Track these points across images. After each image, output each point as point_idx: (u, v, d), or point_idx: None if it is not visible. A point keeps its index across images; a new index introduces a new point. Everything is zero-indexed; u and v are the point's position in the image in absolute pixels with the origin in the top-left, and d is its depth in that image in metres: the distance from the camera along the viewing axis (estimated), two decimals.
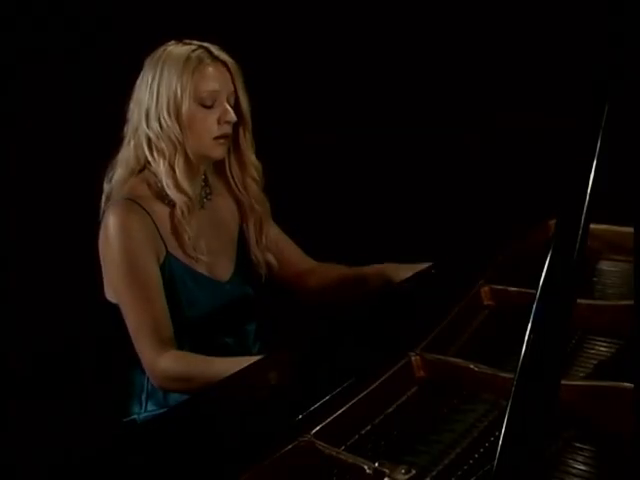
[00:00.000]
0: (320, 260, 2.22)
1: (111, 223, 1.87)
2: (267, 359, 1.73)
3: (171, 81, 1.90)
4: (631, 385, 1.32)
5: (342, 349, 1.65)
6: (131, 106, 1.96)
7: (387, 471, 1.24)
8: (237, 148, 2.04)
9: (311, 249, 2.24)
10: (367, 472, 1.26)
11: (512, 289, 1.77)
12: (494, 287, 1.80)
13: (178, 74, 1.90)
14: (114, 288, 1.91)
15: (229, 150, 2.03)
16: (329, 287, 2.16)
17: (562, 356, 1.37)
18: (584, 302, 1.64)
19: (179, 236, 1.94)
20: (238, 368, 1.65)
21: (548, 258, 1.15)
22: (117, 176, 1.96)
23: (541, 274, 1.13)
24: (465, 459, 1.32)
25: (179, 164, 1.92)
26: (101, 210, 1.95)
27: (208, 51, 1.94)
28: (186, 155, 1.93)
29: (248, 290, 2.09)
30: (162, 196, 1.95)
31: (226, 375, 1.64)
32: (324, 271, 2.19)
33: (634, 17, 1.30)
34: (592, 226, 1.21)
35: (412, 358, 1.54)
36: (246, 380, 1.62)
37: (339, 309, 2.12)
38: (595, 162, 1.23)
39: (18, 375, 2.77)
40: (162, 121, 1.90)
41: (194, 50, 1.93)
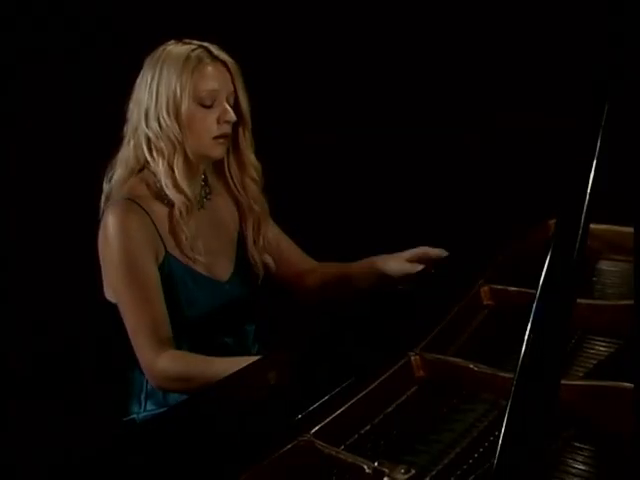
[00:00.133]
0: (320, 260, 2.22)
1: (110, 223, 1.87)
2: (266, 359, 1.73)
3: (170, 81, 1.90)
4: (631, 385, 1.32)
5: (342, 349, 1.65)
6: (131, 106, 1.96)
7: (387, 471, 1.23)
8: (236, 148, 2.04)
9: (311, 249, 2.24)
10: (367, 472, 1.26)
11: (512, 289, 1.77)
12: (494, 287, 1.80)
13: (177, 74, 1.89)
14: (113, 288, 1.91)
15: (228, 150, 2.02)
16: (329, 287, 2.16)
17: (562, 356, 1.37)
18: (584, 302, 1.64)
19: (178, 236, 1.94)
20: (237, 368, 1.65)
21: (548, 258, 1.15)
22: (117, 176, 1.96)
23: (541, 274, 1.14)
24: (465, 459, 1.32)
25: (178, 164, 1.92)
26: (101, 210, 1.95)
27: (208, 51, 1.94)
28: (185, 155, 1.93)
29: (247, 290, 2.09)
30: (161, 196, 1.95)
31: (225, 375, 1.64)
32: (324, 271, 2.19)
33: (634, 17, 1.30)
34: (592, 226, 1.21)
35: (412, 358, 1.54)
36: (245, 380, 1.62)
37: (339, 308, 2.12)
38: (595, 162, 1.23)
39: (18, 375, 2.77)
40: (161, 121, 1.90)
41: (194, 50, 1.92)
